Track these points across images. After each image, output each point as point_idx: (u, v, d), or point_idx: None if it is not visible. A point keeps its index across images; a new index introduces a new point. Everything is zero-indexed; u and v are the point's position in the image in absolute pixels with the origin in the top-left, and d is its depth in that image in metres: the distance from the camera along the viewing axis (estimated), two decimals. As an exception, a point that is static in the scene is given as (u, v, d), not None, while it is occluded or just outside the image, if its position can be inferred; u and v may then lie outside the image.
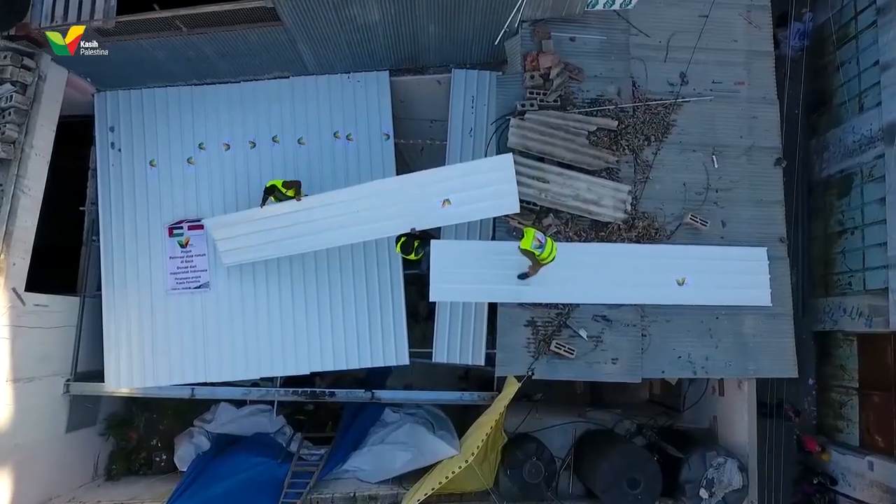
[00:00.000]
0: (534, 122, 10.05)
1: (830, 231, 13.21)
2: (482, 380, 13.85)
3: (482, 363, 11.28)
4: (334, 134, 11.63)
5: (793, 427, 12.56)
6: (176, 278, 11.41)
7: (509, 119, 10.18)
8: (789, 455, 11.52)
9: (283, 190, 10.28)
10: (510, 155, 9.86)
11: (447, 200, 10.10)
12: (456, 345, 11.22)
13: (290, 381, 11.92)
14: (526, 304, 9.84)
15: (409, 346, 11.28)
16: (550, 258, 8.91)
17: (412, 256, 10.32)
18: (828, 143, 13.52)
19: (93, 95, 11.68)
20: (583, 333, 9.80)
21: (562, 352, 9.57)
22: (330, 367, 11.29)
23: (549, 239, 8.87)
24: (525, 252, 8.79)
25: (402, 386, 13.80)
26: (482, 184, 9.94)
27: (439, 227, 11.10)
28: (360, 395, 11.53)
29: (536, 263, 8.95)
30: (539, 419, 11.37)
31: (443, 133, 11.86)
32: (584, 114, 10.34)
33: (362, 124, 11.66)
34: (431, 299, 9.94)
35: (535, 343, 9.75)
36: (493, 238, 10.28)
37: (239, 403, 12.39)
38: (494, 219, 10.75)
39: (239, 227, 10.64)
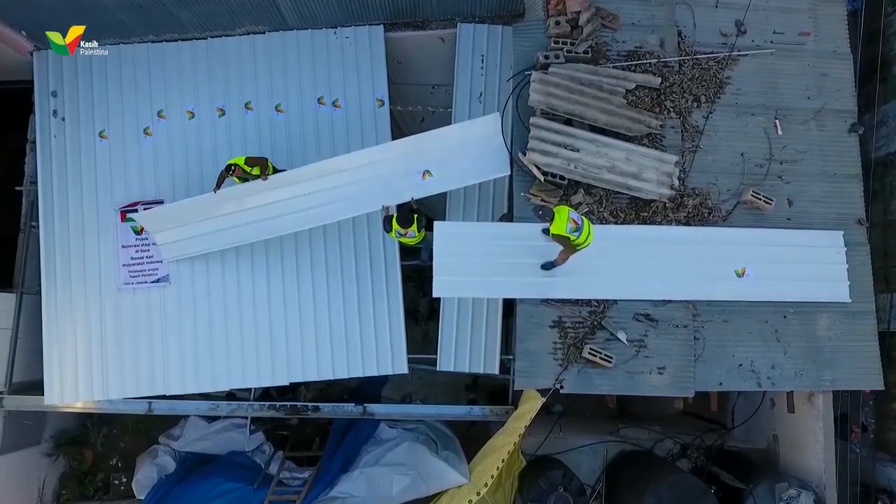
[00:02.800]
0: (560, 76, 8.19)
1: (891, 217, 11.41)
2: (493, 389, 12.07)
3: (496, 372, 9.47)
4: (318, 100, 9.82)
5: (854, 445, 10.70)
6: (129, 271, 9.62)
7: (529, 74, 8.32)
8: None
9: (247, 168, 8.46)
10: (497, 114, 8.37)
11: (427, 172, 8.58)
12: (465, 350, 9.41)
13: (268, 393, 10.10)
14: (552, 300, 7.99)
15: (409, 352, 9.43)
16: (587, 243, 7.06)
17: (410, 240, 8.48)
18: (886, 117, 11.73)
19: (31, 54, 9.82)
20: (622, 336, 7.95)
21: (597, 360, 7.72)
22: (314, 377, 9.47)
23: (584, 220, 7.02)
24: (556, 237, 6.94)
25: (399, 397, 12.00)
26: (469, 152, 8.53)
27: (443, 210, 9.32)
28: (350, 409, 9.69)
29: (569, 249, 7.10)
30: (562, 438, 9.53)
31: (446, 100, 10.04)
32: (619, 69, 8.48)
33: (352, 88, 9.84)
34: (435, 295, 8.10)
35: (564, 349, 7.91)
36: (508, 219, 8.48)
37: (211, 418, 10.57)
38: (511, 196, 8.98)
39: (183, 217, 8.88)
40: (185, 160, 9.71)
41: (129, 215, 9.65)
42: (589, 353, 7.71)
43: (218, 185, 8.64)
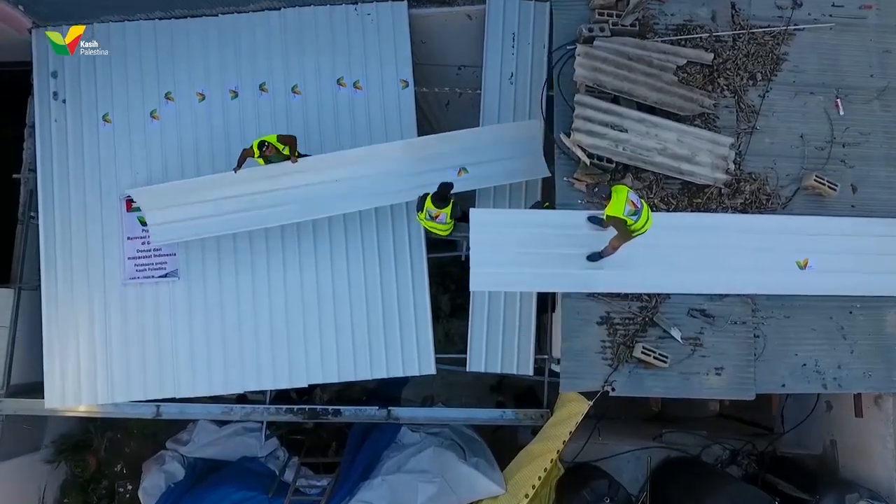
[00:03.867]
0: (606, 50, 7.51)
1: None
2: (520, 389, 11.39)
3: (530, 372, 8.81)
4: (338, 81, 9.14)
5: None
6: (136, 265, 8.93)
7: (571, 49, 7.64)
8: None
9: (280, 146, 7.79)
10: (537, 121, 8.11)
11: (463, 169, 8.31)
12: (496, 350, 8.76)
13: (283, 395, 9.42)
14: (599, 294, 7.30)
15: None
16: (645, 228, 6.38)
17: (439, 227, 7.80)
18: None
19: (29, 31, 9.13)
20: (676, 334, 7.27)
21: (651, 359, 7.04)
22: (334, 379, 8.79)
23: (643, 202, 6.33)
24: (612, 220, 6.25)
25: (420, 398, 11.31)
26: (507, 151, 8.29)
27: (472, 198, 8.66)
28: (374, 413, 9.02)
29: (624, 236, 6.41)
30: (602, 443, 8.84)
31: (474, 82, 9.36)
32: (669, 43, 7.79)
33: (374, 68, 9.16)
34: (473, 289, 7.42)
35: (613, 347, 7.22)
36: (543, 206, 7.82)
37: (222, 421, 9.89)
38: (545, 182, 8.40)
39: (185, 197, 8.25)
40: (194, 146, 9.02)
41: (135, 204, 8.95)
42: (642, 352, 7.02)
43: (239, 165, 7.97)
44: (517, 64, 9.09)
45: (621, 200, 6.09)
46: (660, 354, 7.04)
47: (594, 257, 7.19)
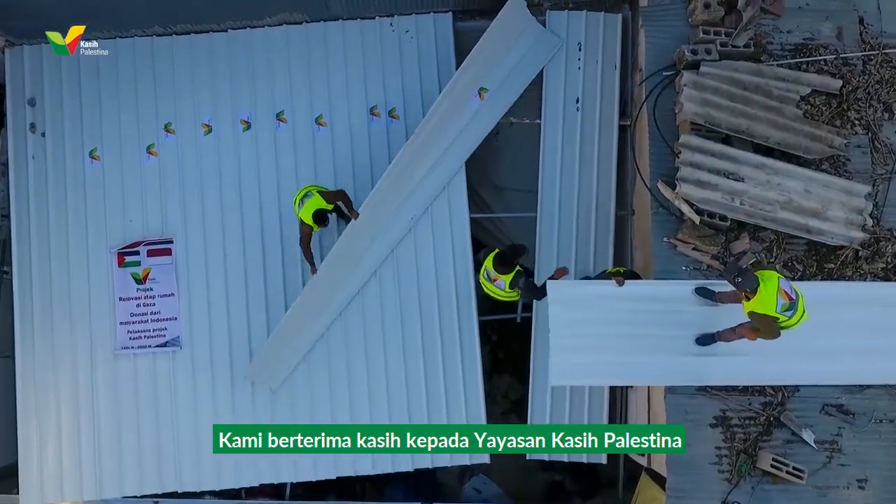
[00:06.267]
0: (716, 78, 6.01)
1: None
2: (580, 465, 9.84)
3: (603, 461, 7.31)
4: (371, 110, 7.67)
5: None
6: (129, 331, 7.45)
7: (669, 76, 6.15)
8: None
9: (328, 206, 6.66)
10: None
11: (483, 89, 7.43)
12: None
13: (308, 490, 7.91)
14: (712, 387, 5.79)
15: (479, 423, 7.31)
16: (799, 324, 4.86)
17: (498, 292, 6.33)
18: None
19: (2, 52, 7.66)
20: (808, 437, 5.77)
21: (783, 474, 5.51)
22: (367, 471, 7.28)
23: (797, 290, 4.82)
24: (757, 317, 4.73)
25: (457, 472, 9.74)
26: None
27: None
28: (412, 509, 7.51)
29: (768, 332, 4.88)
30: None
31: (530, 111, 7.86)
32: (784, 67, 6.29)
33: (413, 93, 7.70)
34: (554, 383, 5.91)
35: (731, 456, 5.71)
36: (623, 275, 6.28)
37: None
38: (622, 237, 6.93)
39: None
40: (199, 187, 7.54)
41: (128, 259, 7.47)
42: (772, 465, 5.50)
43: (311, 260, 6.85)
44: (584, 85, 7.61)
45: (771, 293, 4.58)
46: (794, 468, 5.52)
47: (705, 340, 5.68)
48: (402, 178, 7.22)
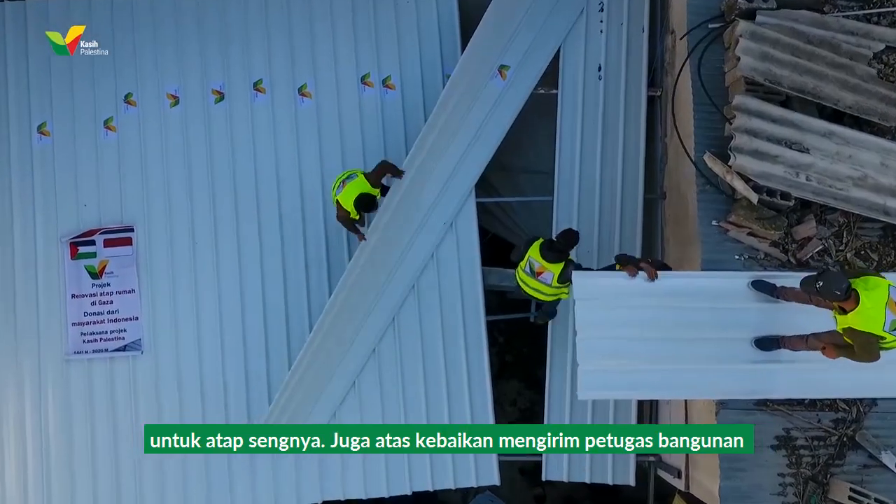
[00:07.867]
0: (776, 29, 5.01)
1: None
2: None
3: (631, 482, 6.34)
4: (362, 78, 6.73)
5: None
6: (82, 333, 6.57)
7: (715, 29, 5.15)
8: None
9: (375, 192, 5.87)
10: None
11: (504, 66, 6.52)
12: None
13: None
14: (772, 401, 4.79)
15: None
16: (904, 343, 3.84)
17: (541, 288, 5.32)
18: None
19: (-65, 11, 6.72)
20: (889, 461, 4.78)
21: (864, 507, 4.53)
22: (358, 495, 6.30)
23: None
24: (855, 334, 3.71)
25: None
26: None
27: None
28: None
29: (868, 353, 3.84)
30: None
31: (547, 79, 6.88)
32: (853, 18, 5.30)
33: (410, 61, 6.82)
34: (582, 397, 4.87)
35: (797, 484, 4.71)
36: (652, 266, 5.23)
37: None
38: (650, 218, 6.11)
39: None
40: (163, 168, 6.65)
41: (81, 250, 6.52)
42: (850, 496, 4.50)
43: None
44: (607, 52, 6.65)
45: (879, 306, 3.56)
46: (878, 500, 4.52)
47: (767, 345, 4.68)
48: (420, 183, 6.29)
